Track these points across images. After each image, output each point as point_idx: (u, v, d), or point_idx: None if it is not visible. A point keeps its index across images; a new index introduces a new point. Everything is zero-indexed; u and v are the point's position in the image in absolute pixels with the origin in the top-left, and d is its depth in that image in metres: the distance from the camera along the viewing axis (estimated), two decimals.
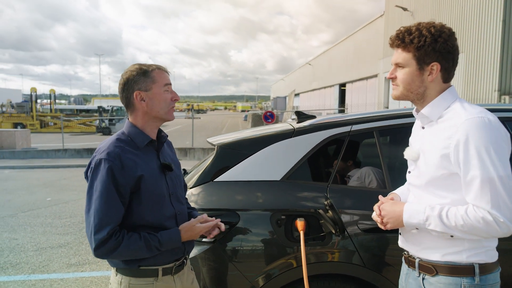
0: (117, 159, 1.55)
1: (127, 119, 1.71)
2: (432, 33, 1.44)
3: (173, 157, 1.86)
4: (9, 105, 35.40)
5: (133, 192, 1.59)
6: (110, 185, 1.52)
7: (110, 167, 1.53)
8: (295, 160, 2.27)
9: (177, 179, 1.79)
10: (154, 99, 1.64)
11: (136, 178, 1.57)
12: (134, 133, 1.66)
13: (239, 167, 2.29)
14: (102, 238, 1.50)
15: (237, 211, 2.16)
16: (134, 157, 1.60)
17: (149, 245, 1.58)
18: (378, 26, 23.81)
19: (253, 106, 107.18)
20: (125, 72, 1.66)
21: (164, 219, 1.66)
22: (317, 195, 2.20)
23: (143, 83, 1.63)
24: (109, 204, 1.52)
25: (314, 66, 40.88)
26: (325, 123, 2.41)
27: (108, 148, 1.58)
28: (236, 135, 2.64)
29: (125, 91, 1.65)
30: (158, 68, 1.68)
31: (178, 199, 1.76)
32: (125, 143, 1.63)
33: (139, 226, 1.62)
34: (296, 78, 52.59)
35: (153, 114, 1.66)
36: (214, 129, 31.25)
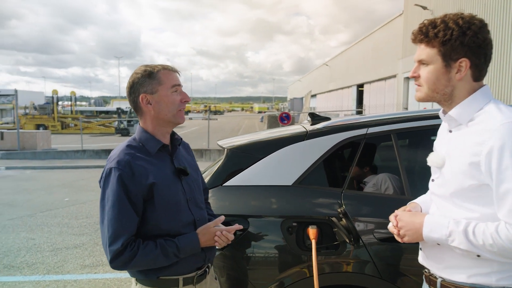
0: (127, 167, 1.49)
1: (138, 124, 1.65)
2: (460, 25, 1.27)
3: (191, 160, 1.79)
4: (32, 107, 36.31)
5: (146, 200, 1.53)
6: (121, 194, 1.46)
7: (120, 176, 1.47)
8: (308, 164, 2.17)
9: (195, 183, 1.72)
10: (161, 101, 1.57)
11: (148, 186, 1.51)
12: (145, 139, 1.60)
13: (249, 171, 2.20)
14: (117, 250, 1.45)
15: (247, 217, 2.08)
16: (146, 164, 1.54)
17: (167, 252, 1.51)
18: (397, 25, 23.38)
19: (270, 107, 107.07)
20: (132, 74, 1.61)
21: (181, 226, 1.60)
22: (330, 202, 2.09)
23: (148, 85, 1.57)
24: (122, 214, 1.46)
25: (332, 67, 40.48)
26: (339, 125, 2.30)
27: (118, 156, 1.53)
28: (246, 137, 2.56)
29: (131, 94, 1.60)
30: (164, 68, 1.60)
31: (197, 204, 1.69)
32: (136, 150, 1.57)
33: (155, 235, 1.55)
34: (313, 79, 52.22)
35: (161, 117, 1.59)
36: (231, 130, 31.29)
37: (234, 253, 2.09)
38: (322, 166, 2.20)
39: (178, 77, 1.64)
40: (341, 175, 2.39)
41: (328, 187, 2.19)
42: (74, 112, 36.84)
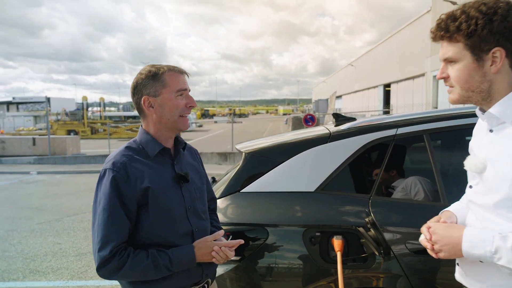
0: (122, 169, 1.40)
1: (141, 126, 1.55)
2: (484, 12, 1.11)
3: (196, 166, 1.67)
4: (64, 113, 37.57)
5: (140, 205, 1.42)
6: (113, 197, 1.37)
7: (114, 178, 1.38)
8: (331, 168, 2.01)
9: (197, 191, 1.60)
10: (164, 105, 1.47)
11: (143, 190, 1.41)
12: (146, 141, 1.50)
13: (269, 177, 2.06)
14: (105, 257, 1.35)
15: (266, 226, 1.94)
16: (143, 167, 1.44)
17: (158, 264, 1.39)
18: (425, 22, 22.68)
19: (294, 109, 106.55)
20: (136, 74, 1.51)
21: (176, 236, 1.48)
22: (357, 209, 1.92)
23: (151, 87, 1.47)
24: (112, 219, 1.36)
25: (357, 67, 39.79)
26: (366, 126, 2.13)
27: (115, 158, 1.44)
28: (266, 140, 2.42)
29: (134, 95, 1.50)
30: (170, 69, 1.49)
31: (197, 214, 1.56)
32: (135, 152, 1.48)
33: (149, 244, 1.44)
34: (338, 80, 51.54)
35: (163, 121, 1.49)
36: (255, 133, 31.22)
37: (250, 264, 1.95)
38: (347, 171, 2.04)
39: (185, 80, 1.53)
40: (368, 180, 2.21)
41: (354, 193, 2.03)
42: (103, 118, 37.83)
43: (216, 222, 1.77)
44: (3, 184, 11.26)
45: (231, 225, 1.97)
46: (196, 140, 25.42)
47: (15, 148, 16.97)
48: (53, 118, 36.14)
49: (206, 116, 79.97)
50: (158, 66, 1.50)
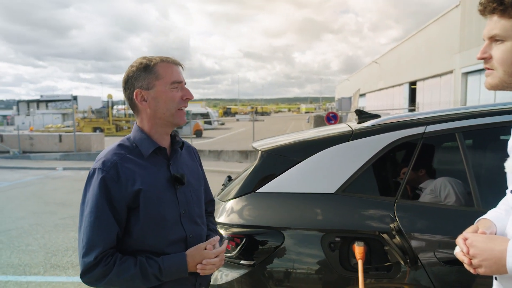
0: (112, 168, 1.30)
1: (135, 123, 1.46)
2: None
3: (194, 167, 1.56)
4: (90, 111, 38.48)
5: (131, 209, 1.32)
6: (101, 199, 1.27)
7: (103, 178, 1.28)
8: (354, 168, 1.87)
9: (194, 194, 1.49)
10: (158, 98, 1.37)
11: (134, 192, 1.30)
12: (139, 139, 1.40)
13: (286, 177, 1.94)
14: (89, 263, 1.25)
15: (282, 229, 1.82)
16: (135, 167, 1.34)
17: (146, 273, 1.29)
18: (453, 17, 21.89)
19: (317, 108, 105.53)
20: (128, 68, 1.41)
21: (168, 243, 1.37)
22: (381, 213, 1.77)
23: (144, 80, 1.36)
24: (99, 222, 1.27)
25: (381, 65, 38.93)
26: (391, 123, 1.98)
27: (105, 156, 1.34)
28: (284, 138, 2.30)
29: (126, 90, 1.40)
30: (163, 60, 1.39)
31: (192, 218, 1.45)
32: (128, 150, 1.38)
33: (139, 251, 1.34)
34: (361, 77, 50.63)
35: (158, 116, 1.39)
36: (277, 131, 31.05)
37: (263, 270, 1.83)
38: (371, 171, 1.89)
39: (179, 71, 1.42)
40: (394, 181, 2.05)
41: (378, 195, 1.87)
42: (127, 115, 38.50)
43: (212, 225, 1.66)
44: (31, 179, 11.58)
45: (244, 227, 1.86)
46: (217, 138, 25.50)
47: (43, 145, 17.47)
48: (80, 116, 37.06)
49: (228, 114, 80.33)
50: (150, 58, 1.39)
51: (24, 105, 70.88)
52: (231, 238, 1.86)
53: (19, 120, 49.53)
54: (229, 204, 2.00)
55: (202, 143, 20.74)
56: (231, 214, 1.94)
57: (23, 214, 7.29)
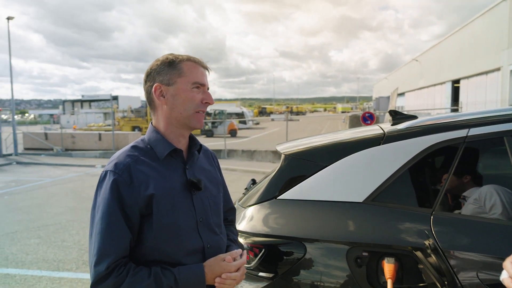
0: (125, 171, 1.21)
1: (150, 123, 1.37)
2: None
3: (212, 172, 1.46)
4: (129, 110, 39.77)
5: (144, 215, 1.23)
6: (113, 204, 1.18)
7: (115, 182, 1.19)
8: (385, 175, 1.69)
9: (212, 201, 1.38)
10: (177, 96, 1.28)
11: (147, 198, 1.21)
12: (155, 140, 1.31)
13: (310, 183, 1.80)
14: (101, 273, 1.16)
15: (304, 240, 1.67)
16: (149, 171, 1.25)
17: (161, 285, 1.19)
18: (500, 11, 20.60)
19: (354, 107, 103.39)
20: (152, 62, 1.34)
21: (184, 253, 1.26)
22: (415, 227, 1.59)
23: (166, 75, 1.28)
24: (111, 229, 1.18)
25: (422, 63, 37.43)
26: (429, 126, 1.78)
27: (118, 158, 1.26)
28: (309, 141, 2.15)
29: (146, 82, 1.32)
30: (190, 59, 1.31)
31: (210, 227, 1.34)
32: (142, 152, 1.29)
33: (152, 261, 1.24)
34: (401, 76, 48.96)
35: (174, 115, 1.29)
36: (312, 131, 30.64)
37: (283, 283, 1.69)
38: (404, 179, 1.70)
39: (204, 74, 1.33)
40: (431, 190, 1.85)
41: (413, 206, 1.68)
42: None
43: (232, 235, 1.53)
44: (71, 176, 12.05)
45: (264, 236, 1.74)
46: (252, 138, 25.50)
47: (84, 143, 18.20)
48: (120, 115, 38.39)
49: (263, 114, 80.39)
50: (177, 55, 1.32)
51: (69, 104, 74.52)
52: (249, 248, 1.74)
53: (64, 119, 52.08)
54: (249, 211, 1.88)
55: (236, 143, 20.80)
56: (250, 222, 1.82)
57: (62, 210, 7.56)
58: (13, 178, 11.89)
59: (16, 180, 11.35)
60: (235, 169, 12.33)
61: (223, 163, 13.35)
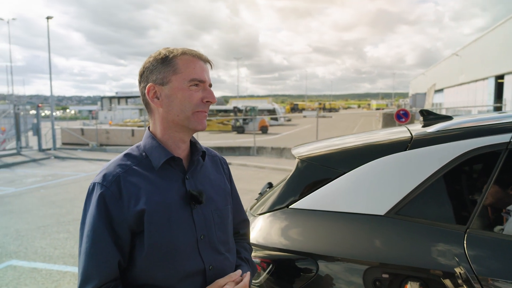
0: (114, 184, 1.08)
1: (147, 128, 1.23)
2: None
3: (220, 181, 1.29)
4: None
5: (135, 233, 1.08)
6: (99, 221, 1.05)
7: (102, 196, 1.06)
8: (411, 185, 1.48)
9: (217, 215, 1.21)
10: (172, 96, 1.12)
11: (137, 213, 1.06)
12: (150, 147, 1.16)
13: (325, 191, 1.61)
14: None
15: (316, 257, 1.50)
16: (142, 182, 1.10)
17: None
18: None
19: (389, 104, 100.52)
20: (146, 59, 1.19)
21: (181, 277, 1.10)
22: (445, 247, 1.37)
23: (159, 73, 1.13)
24: (97, 249, 1.05)
25: (463, 57, 35.65)
26: (465, 129, 1.56)
27: (107, 168, 1.12)
28: (327, 144, 1.95)
29: (140, 83, 1.18)
30: (185, 53, 1.14)
31: (213, 245, 1.18)
32: (135, 161, 1.15)
33: (145, 285, 1.09)
34: (439, 71, 46.94)
35: (171, 118, 1.14)
36: (345, 128, 29.99)
37: None
38: (434, 190, 1.49)
39: (204, 68, 1.17)
40: (465, 203, 1.61)
41: (443, 222, 1.46)
42: None
43: (245, 252, 1.36)
44: None
45: (272, 249, 1.57)
46: (283, 135, 25.28)
47: (118, 138, 18.70)
48: None
49: (295, 110, 79.74)
50: (171, 49, 1.16)
51: (107, 100, 77.16)
52: (258, 262, 1.58)
53: (102, 114, 53.97)
54: (259, 220, 1.72)
55: (266, 140, 20.66)
56: (260, 232, 1.66)
57: None
58: (50, 172, 12.35)
59: (53, 174, 11.77)
60: (264, 167, 12.19)
61: (252, 160, 13.26)
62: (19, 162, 14.46)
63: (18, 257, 4.92)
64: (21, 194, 8.91)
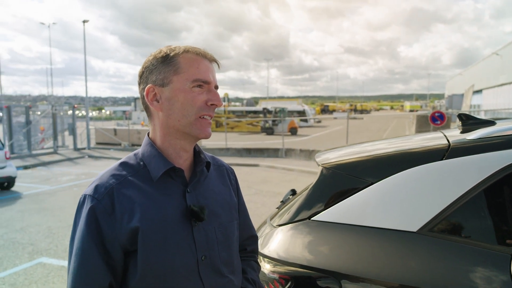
0: (106, 196, 0.98)
1: (147, 134, 1.13)
2: None
3: (226, 194, 1.17)
4: None
5: (128, 253, 0.98)
6: (88, 239, 0.95)
7: (92, 210, 0.96)
8: (448, 199, 1.33)
9: (220, 232, 1.09)
10: (173, 98, 1.02)
11: (130, 231, 0.96)
12: (149, 156, 1.05)
13: (350, 203, 1.48)
14: None
15: (338, 276, 1.36)
16: (138, 195, 1.00)
17: None
18: None
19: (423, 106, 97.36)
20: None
21: None
22: (487, 271, 1.21)
23: (159, 73, 1.03)
24: (85, 270, 0.95)
25: (504, 56, 33.92)
26: (511, 136, 1.38)
27: (100, 179, 1.02)
28: (355, 150, 1.81)
29: (140, 85, 1.08)
30: (187, 51, 1.04)
31: (215, 267, 1.06)
32: (132, 171, 1.04)
33: None
34: (478, 71, 44.95)
35: (171, 123, 1.03)
36: (377, 130, 29.26)
37: None
38: (474, 205, 1.32)
39: (209, 68, 1.05)
40: (511, 222, 1.43)
41: (485, 242, 1.29)
42: (226, 112, 40.17)
43: (251, 272, 1.24)
44: None
45: (291, 265, 1.46)
46: (312, 136, 24.97)
47: None
48: None
49: (326, 112, 78.74)
50: (174, 47, 1.06)
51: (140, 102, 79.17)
52: (276, 278, 1.47)
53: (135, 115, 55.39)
54: (279, 232, 1.61)
55: (295, 141, 20.45)
56: (278, 246, 1.55)
57: None
58: (83, 170, 12.74)
59: (86, 173, 12.13)
60: (292, 169, 12.03)
61: (280, 162, 13.12)
62: (56, 160, 15.03)
63: (48, 254, 5.04)
64: (55, 192, 9.21)
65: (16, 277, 4.37)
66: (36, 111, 19.05)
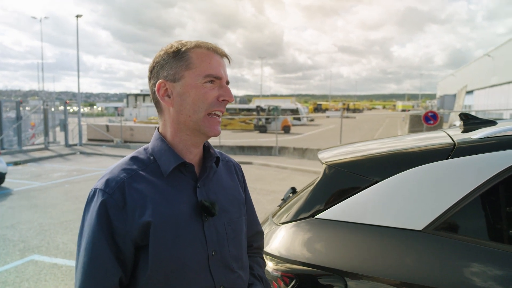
0: (117, 191, 0.96)
1: (156, 129, 1.12)
2: None
3: (234, 189, 1.17)
4: None
5: (139, 247, 0.97)
6: (99, 233, 0.94)
7: (104, 204, 0.95)
8: (454, 198, 1.32)
9: (230, 228, 1.09)
10: (185, 94, 1.01)
11: (142, 226, 0.95)
12: (159, 151, 1.05)
13: (355, 201, 1.47)
14: None
15: (343, 274, 1.35)
16: (149, 190, 0.99)
17: None
18: None
19: (415, 106, 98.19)
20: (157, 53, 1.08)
21: None
22: (493, 272, 1.20)
23: (171, 68, 1.01)
24: (95, 265, 0.94)
25: (496, 58, 34.32)
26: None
27: (111, 173, 1.01)
28: (358, 148, 1.80)
29: (150, 80, 1.07)
30: (199, 46, 1.02)
31: (225, 262, 1.06)
32: (142, 166, 1.03)
33: None
34: (470, 72, 45.42)
35: (182, 119, 1.03)
36: (369, 129, 29.41)
37: None
38: (480, 204, 1.32)
39: (220, 63, 1.05)
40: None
41: (491, 241, 1.29)
42: None
43: (258, 268, 1.23)
44: None
45: (295, 263, 1.44)
46: (305, 135, 25.01)
47: (141, 135, 18.95)
48: None
49: (319, 111, 78.92)
50: (185, 41, 1.04)
51: (132, 98, 78.65)
52: (279, 276, 1.46)
53: (128, 111, 55.01)
54: (282, 230, 1.59)
55: (288, 140, 20.47)
56: (282, 244, 1.53)
57: None
58: (75, 167, 12.60)
59: (78, 169, 12.00)
60: (286, 167, 12.03)
61: (274, 160, 13.12)
62: (47, 157, 14.85)
63: (40, 252, 4.97)
64: (46, 188, 9.10)
65: (7, 274, 4.30)
66: (27, 106, 18.80)
